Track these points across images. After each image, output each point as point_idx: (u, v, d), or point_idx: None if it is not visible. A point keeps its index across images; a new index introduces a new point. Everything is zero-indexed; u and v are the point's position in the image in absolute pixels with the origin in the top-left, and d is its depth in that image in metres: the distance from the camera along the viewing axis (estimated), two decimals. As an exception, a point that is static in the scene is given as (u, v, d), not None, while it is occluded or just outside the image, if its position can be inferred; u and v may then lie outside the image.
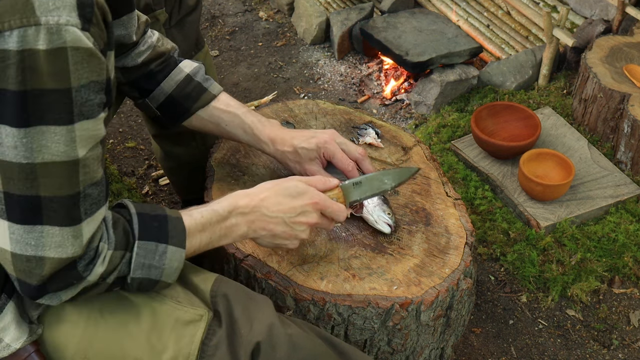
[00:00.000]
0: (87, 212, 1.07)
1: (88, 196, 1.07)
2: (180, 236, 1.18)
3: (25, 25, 0.95)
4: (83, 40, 0.99)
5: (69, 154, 1.03)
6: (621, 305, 2.18)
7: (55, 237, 1.05)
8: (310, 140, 1.50)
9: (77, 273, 1.09)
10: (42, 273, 1.06)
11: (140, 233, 1.15)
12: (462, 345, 2.06)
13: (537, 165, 2.40)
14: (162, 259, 1.16)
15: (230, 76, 3.20)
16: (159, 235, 1.16)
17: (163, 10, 1.78)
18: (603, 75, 2.62)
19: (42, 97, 0.98)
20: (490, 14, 3.27)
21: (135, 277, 1.15)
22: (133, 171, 2.67)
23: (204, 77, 1.54)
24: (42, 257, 1.05)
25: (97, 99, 1.04)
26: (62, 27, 0.97)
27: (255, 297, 1.27)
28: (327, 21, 3.32)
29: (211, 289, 1.26)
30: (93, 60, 1.01)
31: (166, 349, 1.20)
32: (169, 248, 1.16)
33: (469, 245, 1.51)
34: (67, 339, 1.20)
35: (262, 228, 1.28)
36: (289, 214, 1.29)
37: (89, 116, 1.04)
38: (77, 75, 0.99)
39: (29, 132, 0.99)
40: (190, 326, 1.21)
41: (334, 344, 1.28)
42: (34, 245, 1.05)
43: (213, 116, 1.53)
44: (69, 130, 1.01)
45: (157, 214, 1.18)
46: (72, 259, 1.08)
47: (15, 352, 1.17)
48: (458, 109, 2.86)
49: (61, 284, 1.10)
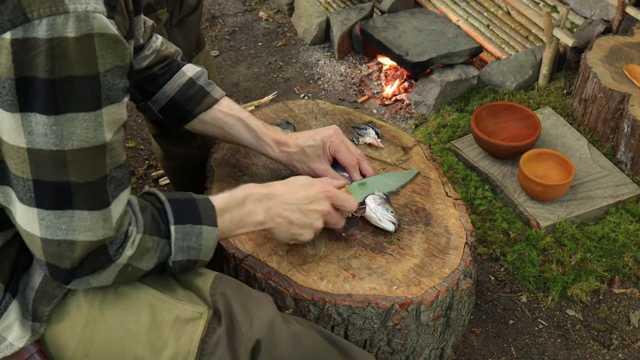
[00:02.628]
0: (113, 194, 1.09)
1: (113, 179, 1.09)
2: (211, 215, 1.22)
3: (54, 14, 0.96)
4: (109, 27, 1.01)
5: (98, 139, 1.04)
6: (621, 305, 2.18)
7: (86, 221, 1.07)
8: (316, 137, 1.53)
9: (108, 256, 1.11)
10: (73, 256, 1.08)
11: (176, 217, 1.18)
12: (462, 345, 2.06)
13: (537, 165, 2.40)
14: (199, 239, 1.19)
15: (230, 76, 3.20)
16: (193, 217, 1.19)
17: (164, 10, 1.78)
18: (603, 75, 2.62)
19: (71, 85, 0.99)
20: (490, 14, 3.27)
21: (177, 260, 1.19)
22: (133, 171, 2.67)
23: (206, 81, 1.54)
24: (74, 241, 1.07)
25: (121, 83, 1.06)
26: (90, 14, 0.98)
27: (254, 295, 1.27)
28: (327, 21, 3.32)
29: (210, 286, 1.27)
30: (118, 46, 1.03)
31: (166, 347, 1.21)
32: (204, 228, 1.20)
33: (469, 245, 1.51)
34: (68, 337, 1.20)
35: (279, 215, 1.30)
36: (303, 201, 1.32)
37: (115, 100, 1.05)
38: (103, 60, 1.01)
39: (59, 120, 1.00)
40: (190, 324, 1.22)
41: (335, 341, 1.28)
42: (64, 229, 1.06)
43: (217, 119, 1.54)
44: (97, 115, 1.03)
45: (186, 198, 1.22)
46: (102, 242, 1.09)
47: (17, 351, 1.17)
48: (458, 109, 2.86)
49: (91, 267, 1.11)
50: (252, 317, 1.23)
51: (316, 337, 1.26)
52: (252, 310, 1.23)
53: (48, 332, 1.20)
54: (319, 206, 1.34)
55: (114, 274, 1.15)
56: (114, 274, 1.15)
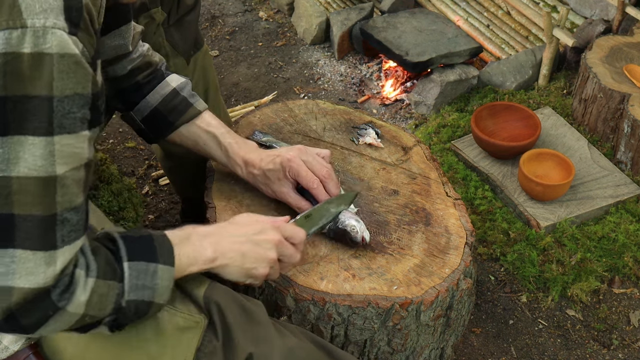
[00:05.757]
0: (65, 239, 1.01)
1: (66, 221, 1.01)
2: (168, 254, 1.14)
3: (11, 28, 0.92)
4: (70, 46, 0.96)
5: (47, 169, 0.97)
6: (621, 305, 2.18)
7: (27, 263, 0.98)
8: (275, 160, 1.47)
9: (51, 303, 1.01)
10: (9, 306, 0.98)
11: (129, 254, 1.10)
12: (462, 345, 2.06)
13: (537, 165, 2.40)
14: (154, 278, 1.11)
15: (230, 76, 3.20)
16: (148, 255, 1.11)
17: (159, 9, 1.78)
18: (603, 75, 2.62)
19: (22, 104, 0.94)
20: (490, 14, 3.27)
21: (131, 300, 1.10)
22: (133, 171, 2.67)
23: (190, 92, 1.52)
24: (12, 287, 0.97)
25: (79, 114, 0.99)
26: (49, 29, 0.94)
27: (247, 306, 1.26)
28: (327, 21, 3.32)
29: (204, 295, 1.25)
30: (79, 70, 0.97)
31: (163, 355, 1.20)
32: (159, 267, 1.12)
33: (469, 245, 1.51)
34: (65, 343, 1.20)
35: (230, 249, 1.21)
36: (251, 231, 1.24)
37: (71, 131, 0.99)
38: (61, 84, 0.96)
39: (7, 142, 0.94)
40: (187, 333, 1.21)
41: (329, 350, 1.28)
42: (3, 273, 0.97)
43: (193, 134, 1.52)
44: (48, 142, 0.97)
45: (142, 235, 1.14)
46: (42, 290, 1.00)
47: (13, 354, 1.17)
48: (458, 109, 2.86)
49: (34, 317, 1.01)
50: (246, 330, 1.22)
51: (310, 348, 1.25)
52: (245, 323, 1.23)
53: (46, 337, 1.20)
54: (269, 235, 1.25)
55: (69, 322, 1.05)
56: (69, 322, 1.05)
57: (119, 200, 2.18)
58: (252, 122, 1.76)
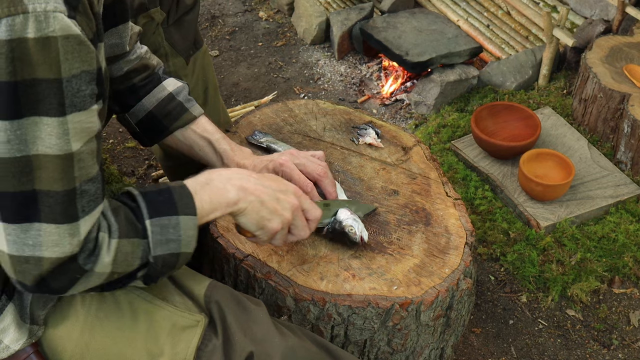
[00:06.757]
0: (85, 209, 1.05)
1: (85, 193, 1.05)
2: (188, 203, 1.15)
3: (13, 14, 0.94)
4: (72, 27, 0.97)
5: (63, 147, 1.00)
6: (621, 305, 2.18)
7: (52, 236, 1.02)
8: (268, 166, 1.49)
9: (78, 267, 1.06)
10: (40, 273, 1.04)
11: (150, 212, 1.12)
12: (462, 345, 2.06)
13: (537, 165, 2.40)
14: (177, 230, 1.13)
15: (230, 76, 3.20)
16: (169, 208, 1.13)
17: (158, 9, 1.78)
18: (603, 75, 2.62)
19: (33, 87, 0.96)
20: (490, 14, 3.27)
21: (157, 255, 1.12)
22: (133, 171, 2.67)
23: (186, 97, 1.52)
24: (41, 258, 1.03)
25: (88, 90, 1.02)
26: (50, 13, 0.95)
27: (247, 305, 1.26)
28: (327, 21, 3.32)
29: (205, 294, 1.25)
30: (83, 49, 0.99)
31: (162, 354, 1.20)
32: (181, 218, 1.14)
33: (469, 245, 1.51)
34: (65, 342, 1.20)
35: (252, 192, 1.22)
36: (275, 187, 1.26)
37: (81, 108, 1.01)
38: (67, 65, 0.98)
39: (22, 124, 0.97)
40: (187, 331, 1.21)
41: (329, 350, 1.28)
42: (31, 245, 1.02)
43: (188, 139, 1.52)
44: (61, 122, 0.99)
45: (161, 189, 1.16)
46: (69, 257, 1.05)
47: (14, 353, 1.17)
48: (458, 109, 2.86)
49: (64, 280, 1.07)
50: (246, 329, 1.22)
51: (310, 347, 1.25)
52: (245, 323, 1.23)
53: (46, 335, 1.20)
54: (289, 197, 1.27)
55: (98, 281, 1.10)
56: (98, 281, 1.10)
57: (119, 200, 2.18)
58: (252, 122, 1.76)
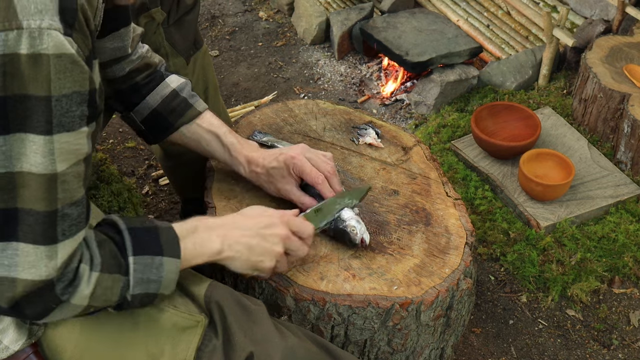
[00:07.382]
0: (65, 233, 1.03)
1: (67, 216, 1.03)
2: (174, 246, 1.15)
3: (7, 29, 0.93)
4: (65, 46, 0.96)
5: (47, 167, 0.99)
6: (621, 305, 2.18)
7: (29, 257, 1.00)
8: (279, 158, 1.48)
9: (54, 296, 1.04)
10: (13, 295, 1.02)
11: (135, 248, 1.11)
12: (462, 345, 2.06)
13: (537, 165, 2.40)
14: (159, 271, 1.13)
15: (230, 76, 3.20)
16: (154, 247, 1.13)
17: (159, 9, 1.78)
18: (603, 75, 2.62)
19: (22, 103, 0.95)
20: (490, 14, 3.27)
21: (136, 294, 1.13)
22: (133, 171, 2.67)
23: (190, 93, 1.53)
24: (15, 279, 1.01)
25: (78, 111, 1.01)
26: (45, 31, 0.95)
27: (248, 306, 1.26)
28: (327, 21, 3.32)
29: (205, 294, 1.25)
30: (76, 69, 0.98)
31: (163, 354, 1.20)
32: (164, 260, 1.13)
33: (469, 245, 1.51)
34: (65, 342, 1.20)
35: (237, 241, 1.23)
36: (259, 225, 1.26)
37: (70, 129, 1.00)
38: (58, 84, 0.97)
39: (8, 140, 0.96)
40: (187, 332, 1.21)
41: (329, 350, 1.28)
42: (7, 265, 1.00)
43: (195, 134, 1.52)
44: (48, 141, 0.98)
45: (148, 227, 1.15)
46: (45, 282, 1.03)
47: (13, 354, 1.17)
48: (458, 109, 2.86)
49: (38, 307, 1.05)
50: (246, 330, 1.22)
51: (311, 347, 1.25)
52: (245, 323, 1.23)
53: (45, 336, 1.20)
54: (276, 229, 1.27)
55: (74, 313, 1.10)
56: (74, 313, 1.10)
57: (119, 200, 2.18)
58: (252, 122, 1.76)
